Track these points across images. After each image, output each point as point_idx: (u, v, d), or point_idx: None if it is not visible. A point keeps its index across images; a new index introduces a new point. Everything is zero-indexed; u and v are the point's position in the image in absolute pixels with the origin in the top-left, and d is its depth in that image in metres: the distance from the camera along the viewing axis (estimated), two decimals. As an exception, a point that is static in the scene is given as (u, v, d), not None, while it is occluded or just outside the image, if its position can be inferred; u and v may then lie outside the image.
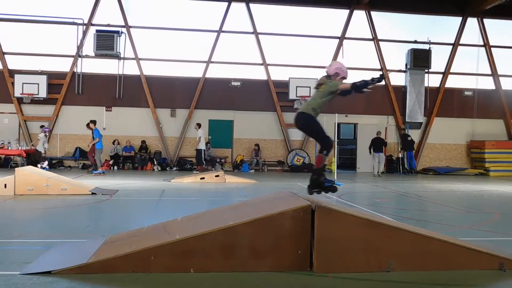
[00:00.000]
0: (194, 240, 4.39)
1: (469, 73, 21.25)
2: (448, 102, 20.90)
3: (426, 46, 20.52)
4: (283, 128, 19.94)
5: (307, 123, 5.72)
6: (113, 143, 18.87)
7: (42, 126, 17.84)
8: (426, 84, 20.64)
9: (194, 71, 19.65)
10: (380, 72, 5.11)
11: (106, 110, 19.25)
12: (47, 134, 17.20)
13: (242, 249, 4.42)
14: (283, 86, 19.55)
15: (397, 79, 20.91)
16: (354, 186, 14.43)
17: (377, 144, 18.71)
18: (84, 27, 18.97)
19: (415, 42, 20.69)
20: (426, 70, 20.56)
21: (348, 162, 21.96)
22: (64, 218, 7.61)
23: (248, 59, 20.07)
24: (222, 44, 19.67)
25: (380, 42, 20.45)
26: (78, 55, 18.95)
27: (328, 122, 17.46)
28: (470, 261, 4.60)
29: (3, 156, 18.13)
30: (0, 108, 18.71)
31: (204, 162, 17.63)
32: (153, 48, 19.52)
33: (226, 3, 19.53)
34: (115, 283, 4.08)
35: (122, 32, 19.07)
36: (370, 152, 18.59)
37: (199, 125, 17.54)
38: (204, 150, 17.65)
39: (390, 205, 9.93)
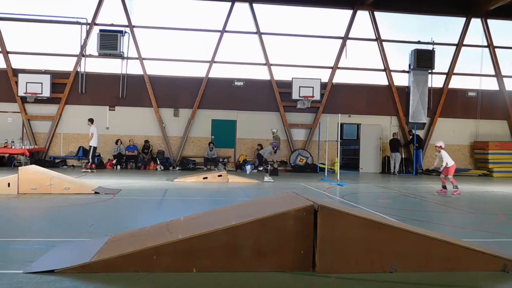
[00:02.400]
0: (196, 240, 4.39)
1: (472, 73, 21.20)
2: (451, 103, 20.85)
3: (429, 47, 20.48)
4: (286, 128, 19.92)
5: None
6: (116, 142, 18.89)
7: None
8: (429, 85, 20.59)
9: (197, 71, 19.66)
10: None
11: (109, 110, 19.28)
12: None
13: (245, 249, 4.42)
14: (286, 86, 19.54)
15: (401, 80, 20.87)
16: (357, 186, 14.41)
17: (394, 145, 19.56)
18: (88, 26, 19.00)
19: (419, 42, 20.64)
20: (430, 71, 20.51)
21: (351, 163, 21.94)
22: (67, 217, 7.62)
23: (251, 59, 20.07)
24: (225, 44, 19.67)
25: (383, 43, 20.40)
26: (82, 54, 18.98)
27: (331, 122, 17.47)
28: (474, 262, 4.59)
29: (7, 155, 18.18)
30: (3, 107, 18.76)
31: (93, 160, 16.69)
32: (157, 48, 19.54)
33: (229, 3, 19.54)
34: (117, 282, 4.08)
35: (125, 32, 19.10)
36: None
37: (91, 121, 16.97)
38: (96, 147, 16.81)
39: (393, 206, 9.91)
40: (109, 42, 18.64)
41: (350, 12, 20.19)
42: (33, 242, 5.60)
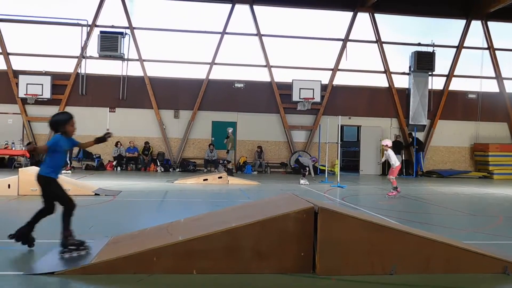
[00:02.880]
0: (197, 241, 4.39)
1: (473, 76, 21.20)
2: (452, 105, 20.85)
3: (430, 49, 20.48)
4: (286, 130, 19.93)
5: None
6: (116, 144, 18.89)
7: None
8: (430, 87, 20.59)
9: (198, 73, 19.67)
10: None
11: (109, 111, 19.29)
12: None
13: (245, 251, 4.42)
14: (286, 88, 19.55)
15: (401, 82, 20.88)
16: (358, 188, 14.41)
17: (396, 147, 19.21)
18: (88, 28, 19.02)
19: (419, 44, 20.65)
20: (430, 73, 20.52)
21: (351, 164, 21.94)
22: (67, 219, 7.60)
23: (252, 60, 20.08)
24: (225, 45, 19.68)
25: (384, 45, 20.41)
26: (82, 56, 19.00)
27: (331, 124, 17.47)
28: (474, 264, 4.58)
29: (7, 156, 18.19)
30: (4, 109, 18.77)
31: (69, 161, 16.80)
32: (157, 50, 19.55)
33: (230, 5, 19.55)
34: (117, 284, 4.08)
35: (126, 34, 19.11)
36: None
37: None
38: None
39: (393, 208, 9.90)
40: (110, 43, 18.66)
41: (350, 14, 20.21)
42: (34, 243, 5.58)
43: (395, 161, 11.71)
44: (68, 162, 16.50)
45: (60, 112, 5.57)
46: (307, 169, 15.61)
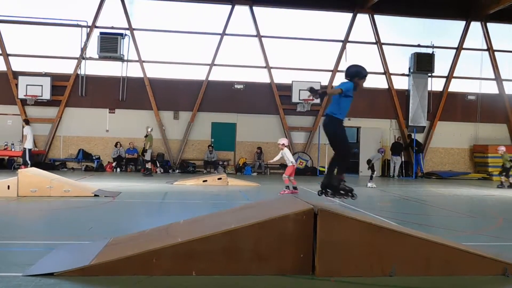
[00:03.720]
0: (196, 243, 4.38)
1: (472, 77, 21.22)
2: (451, 106, 20.87)
3: (429, 50, 20.51)
4: (286, 131, 19.93)
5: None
6: (116, 145, 18.89)
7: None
8: (429, 88, 20.61)
9: (197, 74, 19.68)
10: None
11: (109, 112, 19.29)
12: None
13: (244, 253, 4.41)
14: (286, 89, 19.56)
15: (401, 83, 20.90)
16: (357, 190, 14.32)
17: (396, 148, 19.69)
18: (88, 29, 19.03)
19: (419, 46, 20.67)
20: (430, 74, 20.54)
21: (351, 166, 21.89)
22: (66, 220, 7.61)
23: (251, 62, 20.09)
24: (225, 47, 19.70)
25: (383, 46, 20.44)
26: (82, 57, 19.00)
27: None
28: (474, 266, 4.58)
29: (7, 157, 18.18)
30: (3, 110, 18.77)
31: (29, 162, 16.18)
32: (157, 51, 19.56)
33: (229, 6, 19.57)
34: (117, 285, 4.07)
35: (125, 35, 19.13)
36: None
37: (26, 122, 17.03)
38: (31, 149, 16.68)
39: (393, 209, 9.90)
40: (109, 44, 18.67)
41: (350, 15, 20.23)
42: (33, 244, 5.59)
43: (292, 160, 11.80)
44: (29, 162, 16.03)
45: (362, 66, 5.82)
46: (376, 171, 15.32)
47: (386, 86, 20.64)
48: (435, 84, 20.92)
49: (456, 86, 21.10)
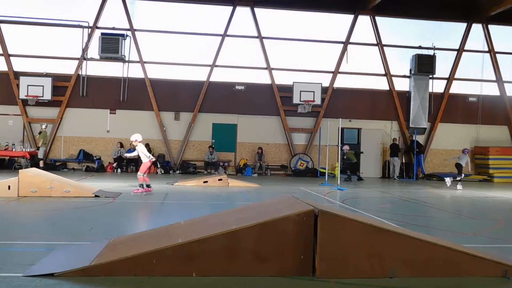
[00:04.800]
0: (196, 244, 4.39)
1: (473, 79, 21.21)
2: (452, 108, 20.86)
3: (430, 52, 20.50)
4: (286, 132, 19.93)
5: None
6: (121, 146, 18.85)
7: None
8: (430, 90, 20.60)
9: (199, 75, 19.69)
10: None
11: (110, 113, 19.30)
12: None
13: (245, 254, 4.41)
14: (287, 91, 19.56)
15: (402, 85, 20.88)
16: (358, 191, 14.39)
17: (393, 150, 19.74)
18: (90, 30, 19.04)
19: (420, 47, 20.66)
20: (431, 76, 20.53)
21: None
22: (67, 221, 7.61)
23: (253, 63, 20.09)
24: (226, 48, 19.70)
25: (384, 47, 20.43)
26: (83, 57, 19.02)
27: (332, 127, 17.47)
28: (474, 268, 4.58)
29: (7, 157, 18.19)
30: (5, 110, 18.79)
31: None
32: (158, 52, 19.57)
33: (231, 7, 19.58)
34: (117, 286, 4.07)
35: (127, 35, 19.14)
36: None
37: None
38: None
39: (393, 211, 9.89)
40: (111, 45, 18.68)
41: (351, 17, 20.23)
42: (33, 245, 5.59)
43: (148, 156, 11.51)
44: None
45: None
46: (463, 174, 15.23)
47: (387, 88, 20.63)
48: (436, 86, 20.91)
49: (457, 88, 21.09)
